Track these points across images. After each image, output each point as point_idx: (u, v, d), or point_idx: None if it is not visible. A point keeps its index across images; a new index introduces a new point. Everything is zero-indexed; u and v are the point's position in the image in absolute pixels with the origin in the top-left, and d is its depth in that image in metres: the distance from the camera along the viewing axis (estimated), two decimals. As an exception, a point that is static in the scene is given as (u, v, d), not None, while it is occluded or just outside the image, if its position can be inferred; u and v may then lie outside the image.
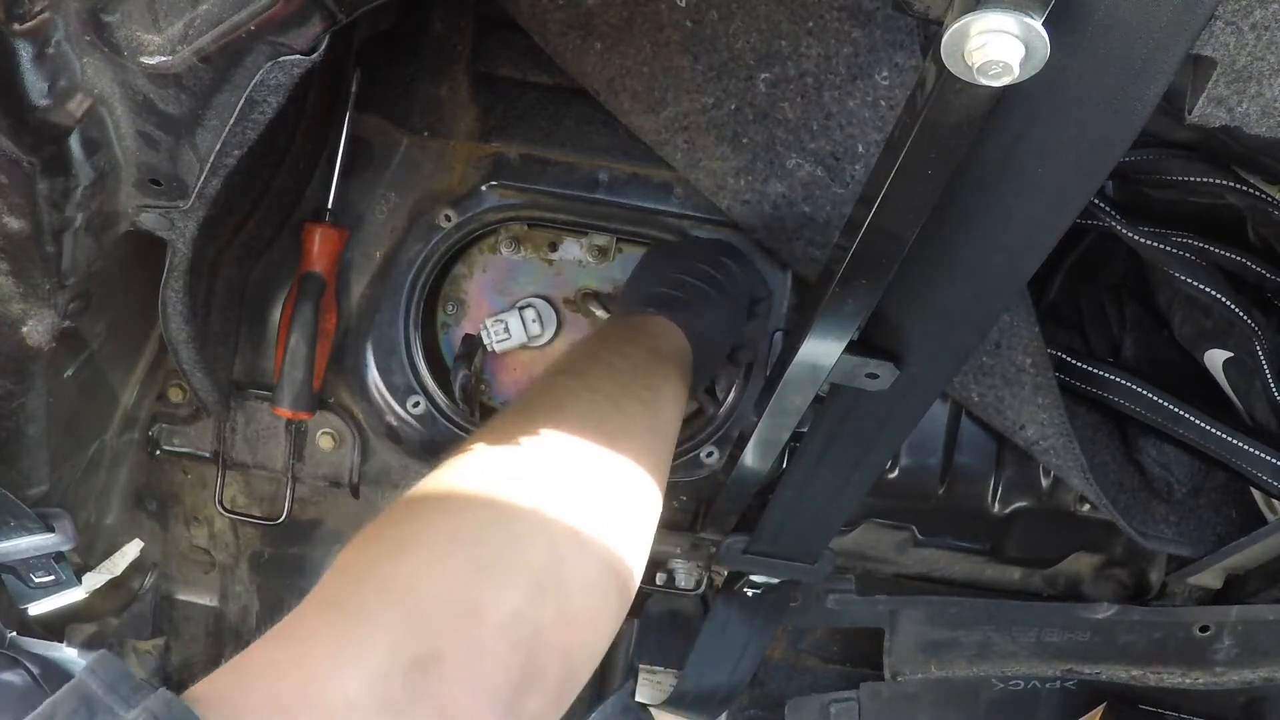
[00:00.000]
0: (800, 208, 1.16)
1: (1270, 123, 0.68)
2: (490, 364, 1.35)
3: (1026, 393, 1.20)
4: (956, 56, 0.52)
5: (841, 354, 0.83)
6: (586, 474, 0.75)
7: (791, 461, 1.05)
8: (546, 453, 0.75)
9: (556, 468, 0.74)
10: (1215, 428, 1.21)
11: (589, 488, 0.74)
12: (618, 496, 0.76)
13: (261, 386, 1.33)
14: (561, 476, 0.73)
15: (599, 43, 1.14)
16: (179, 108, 0.83)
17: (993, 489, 1.37)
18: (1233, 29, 0.63)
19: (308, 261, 1.24)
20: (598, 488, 0.75)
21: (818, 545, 1.19)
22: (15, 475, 1.09)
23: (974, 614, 1.43)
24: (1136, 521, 1.29)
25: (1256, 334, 1.17)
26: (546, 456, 0.74)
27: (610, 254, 1.29)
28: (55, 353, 0.97)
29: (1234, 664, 1.37)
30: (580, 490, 0.73)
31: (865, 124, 1.13)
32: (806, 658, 1.62)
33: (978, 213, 0.69)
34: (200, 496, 1.49)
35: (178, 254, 0.98)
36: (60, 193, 0.84)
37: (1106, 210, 1.19)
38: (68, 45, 0.78)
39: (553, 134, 1.24)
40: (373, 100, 1.24)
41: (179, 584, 1.57)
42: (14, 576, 1.20)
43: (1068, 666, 1.44)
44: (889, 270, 0.73)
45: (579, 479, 0.74)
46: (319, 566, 1.55)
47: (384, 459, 1.37)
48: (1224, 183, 1.12)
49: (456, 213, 1.25)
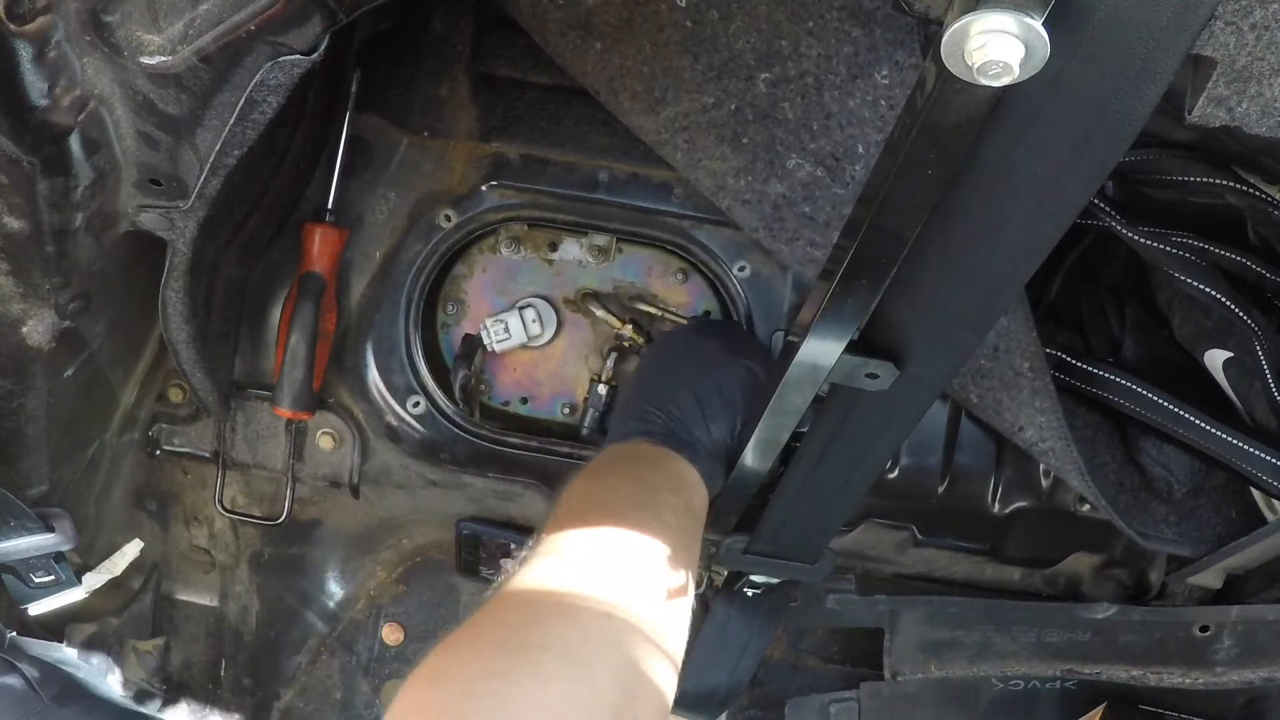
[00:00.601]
0: (800, 208, 1.16)
1: (1270, 123, 0.68)
2: (490, 364, 1.35)
3: (1024, 396, 1.20)
4: (956, 56, 0.52)
5: (841, 354, 0.83)
6: (666, 633, 0.82)
7: (791, 461, 1.05)
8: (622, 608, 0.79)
9: (630, 628, 0.79)
10: (1215, 428, 1.21)
11: (667, 646, 0.81)
12: (674, 646, 0.84)
13: (261, 386, 1.33)
14: (633, 637, 0.78)
15: (599, 43, 1.14)
16: (179, 108, 0.83)
17: (993, 489, 1.37)
18: (1233, 29, 0.63)
19: (308, 261, 1.24)
20: (661, 641, 0.81)
21: (818, 545, 1.19)
22: (15, 475, 1.09)
23: (974, 614, 1.43)
24: (1136, 522, 1.29)
25: (1256, 334, 1.17)
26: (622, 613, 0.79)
27: (610, 254, 1.29)
28: (55, 353, 0.97)
29: (1234, 664, 1.37)
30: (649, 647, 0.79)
31: (865, 124, 1.13)
32: (806, 658, 1.61)
33: (978, 213, 0.69)
34: (200, 496, 1.49)
35: (178, 254, 0.98)
36: (60, 193, 0.84)
37: (1106, 210, 1.19)
38: (68, 45, 0.78)
39: (553, 134, 1.24)
40: (373, 100, 1.24)
41: (179, 584, 1.57)
42: (14, 576, 1.20)
43: (1068, 666, 1.44)
44: (889, 270, 0.73)
45: (649, 637, 0.80)
46: (319, 566, 1.55)
47: (384, 459, 1.37)
48: (1224, 183, 1.12)
49: (456, 213, 1.25)
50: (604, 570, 0.82)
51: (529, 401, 1.37)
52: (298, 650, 1.57)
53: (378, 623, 1.58)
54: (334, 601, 1.57)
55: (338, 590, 1.57)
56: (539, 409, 1.37)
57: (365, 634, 1.59)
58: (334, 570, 1.56)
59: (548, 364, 1.35)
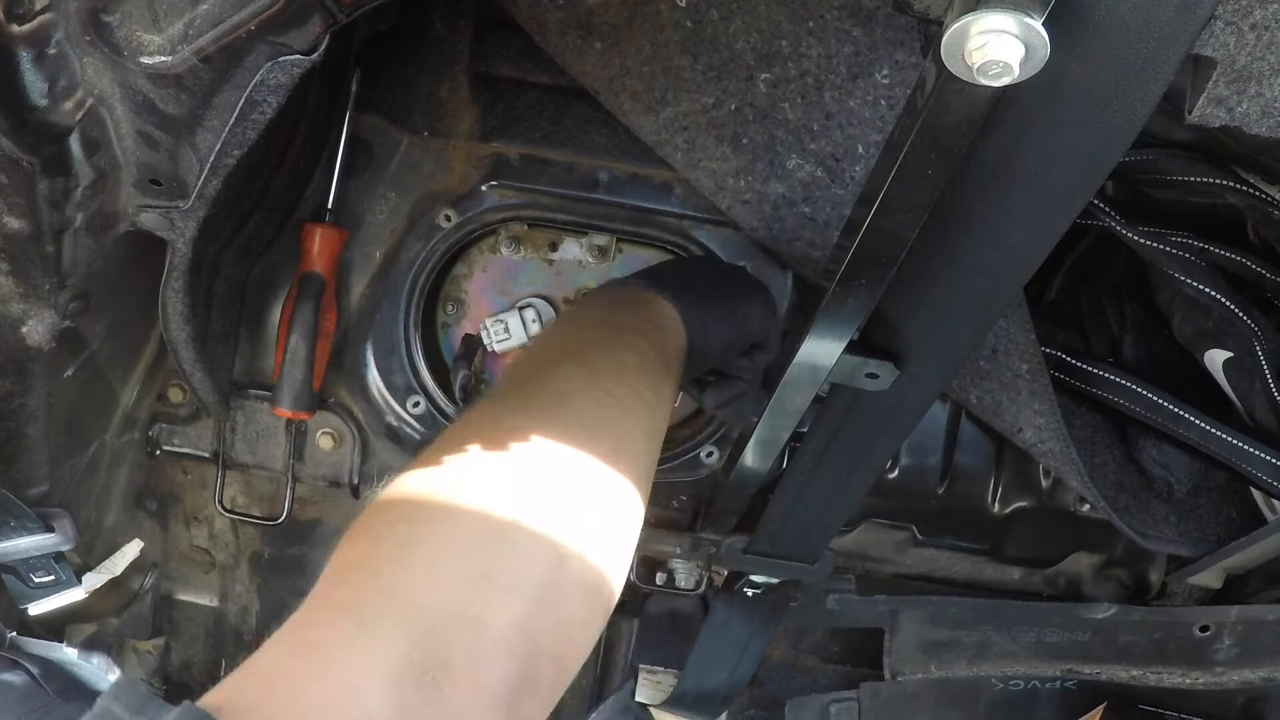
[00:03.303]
0: (800, 208, 1.16)
1: (1270, 123, 0.68)
2: (490, 364, 1.35)
3: (1023, 398, 1.20)
4: (957, 56, 0.52)
5: (841, 354, 0.83)
6: (587, 482, 0.75)
7: (791, 461, 1.05)
8: (549, 456, 0.74)
9: (558, 474, 0.74)
10: (1215, 428, 1.21)
11: (588, 496, 0.75)
12: (614, 505, 0.76)
13: (261, 386, 1.33)
14: (563, 484, 0.74)
15: (599, 43, 1.14)
16: (179, 108, 0.83)
17: (993, 489, 1.37)
18: (1233, 29, 0.63)
19: (308, 261, 1.24)
20: (596, 496, 0.75)
21: (818, 545, 1.19)
22: (15, 475, 1.08)
23: (974, 614, 1.43)
24: (1136, 522, 1.29)
25: (1256, 334, 1.17)
26: (549, 460, 0.74)
27: (610, 254, 1.29)
28: (55, 353, 0.97)
29: (1234, 664, 1.37)
30: (580, 499, 0.74)
31: (865, 124, 1.13)
32: (806, 658, 1.61)
33: (978, 213, 0.69)
34: (200, 496, 1.49)
35: (178, 254, 0.98)
36: (60, 193, 0.84)
37: (1106, 210, 1.19)
38: (68, 45, 0.78)
39: (553, 134, 1.24)
40: (373, 100, 1.24)
41: (179, 584, 1.57)
42: (14, 576, 1.20)
43: (1068, 666, 1.44)
44: (889, 270, 0.73)
45: (580, 487, 0.75)
46: (319, 566, 1.54)
47: (384, 459, 1.37)
48: (1224, 183, 1.12)
49: (456, 213, 1.25)
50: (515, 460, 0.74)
51: (529, 401, 1.37)
52: (298, 650, 1.57)
53: (377, 623, 1.58)
54: (334, 601, 1.57)
55: (338, 590, 1.57)
56: (539, 409, 1.37)
57: (365, 634, 1.58)
58: (334, 570, 1.56)
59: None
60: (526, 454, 0.74)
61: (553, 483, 0.73)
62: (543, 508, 0.70)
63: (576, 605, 0.70)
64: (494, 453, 0.73)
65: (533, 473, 0.73)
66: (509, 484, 0.71)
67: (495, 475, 0.72)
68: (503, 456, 0.73)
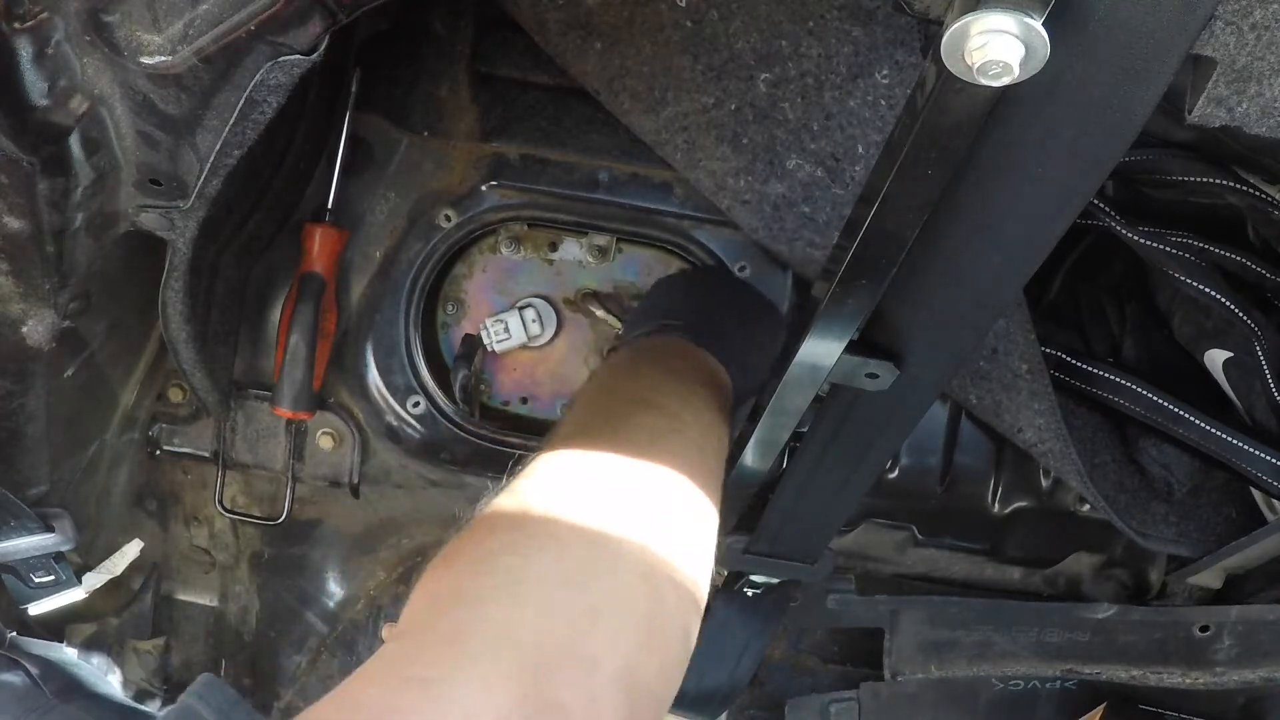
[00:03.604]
0: (800, 208, 1.16)
1: (1270, 123, 0.68)
2: (490, 364, 1.35)
3: (1023, 398, 1.20)
4: (956, 56, 0.52)
5: (841, 354, 0.83)
6: (680, 521, 0.77)
7: (791, 461, 1.05)
8: (647, 491, 0.76)
9: (656, 510, 0.75)
10: (1215, 428, 1.21)
11: (681, 535, 0.76)
12: (701, 545, 0.78)
13: (261, 386, 1.33)
14: (660, 520, 0.75)
15: (599, 43, 1.14)
16: (179, 108, 0.83)
17: (993, 489, 1.37)
18: (1233, 29, 0.63)
19: (308, 261, 1.24)
20: (688, 535, 0.77)
21: (818, 545, 1.19)
22: (15, 475, 1.09)
23: (974, 614, 1.43)
24: (1136, 522, 1.29)
25: (1256, 334, 1.17)
26: (647, 495, 0.76)
27: (610, 254, 1.29)
28: (55, 353, 0.97)
29: (1234, 664, 1.37)
30: (675, 537, 0.74)
31: (865, 124, 1.13)
32: (806, 658, 1.61)
33: (978, 213, 0.69)
34: (200, 496, 1.49)
35: (178, 254, 0.98)
36: (60, 193, 0.84)
37: (1106, 210, 1.19)
38: (68, 45, 0.78)
39: (553, 134, 1.24)
40: (373, 100, 1.24)
41: (179, 584, 1.57)
42: (14, 576, 1.20)
43: (1068, 666, 1.44)
44: (889, 270, 0.73)
45: (674, 525, 0.76)
46: (319, 566, 1.55)
47: (384, 459, 1.37)
48: (1224, 183, 1.12)
49: (456, 212, 1.25)
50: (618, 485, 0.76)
51: (529, 401, 1.37)
52: (298, 650, 1.57)
53: (378, 623, 1.58)
54: (334, 602, 1.57)
55: (338, 590, 1.57)
56: (539, 409, 1.37)
57: (365, 634, 1.59)
58: (334, 570, 1.56)
59: (548, 364, 1.35)
60: (625, 488, 0.75)
61: (651, 519, 0.74)
62: (642, 543, 0.70)
63: (674, 643, 0.70)
64: (593, 486, 0.74)
65: (633, 507, 0.74)
66: (612, 518, 0.71)
67: (598, 508, 0.72)
68: (602, 491, 0.74)
